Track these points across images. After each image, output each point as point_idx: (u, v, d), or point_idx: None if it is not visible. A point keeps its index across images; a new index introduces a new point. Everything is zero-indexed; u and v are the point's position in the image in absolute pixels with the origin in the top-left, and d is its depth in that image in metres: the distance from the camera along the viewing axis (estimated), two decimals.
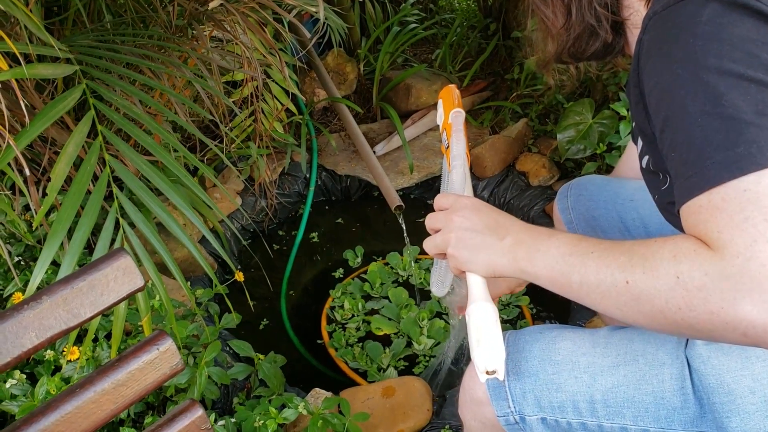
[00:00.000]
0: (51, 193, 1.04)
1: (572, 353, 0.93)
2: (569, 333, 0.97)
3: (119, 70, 1.38)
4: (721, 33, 0.67)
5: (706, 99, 0.66)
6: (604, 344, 0.93)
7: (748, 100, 0.64)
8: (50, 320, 0.74)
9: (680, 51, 0.69)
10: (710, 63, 0.67)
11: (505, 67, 2.97)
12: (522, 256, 0.81)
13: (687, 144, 0.67)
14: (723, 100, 0.65)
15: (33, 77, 1.10)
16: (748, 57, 0.66)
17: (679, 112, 0.68)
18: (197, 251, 1.29)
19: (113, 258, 0.79)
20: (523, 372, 0.95)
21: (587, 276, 0.73)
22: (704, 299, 0.63)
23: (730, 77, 0.66)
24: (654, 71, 0.73)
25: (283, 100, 2.53)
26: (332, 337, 2.03)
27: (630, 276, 0.69)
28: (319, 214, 2.67)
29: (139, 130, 1.22)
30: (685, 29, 0.69)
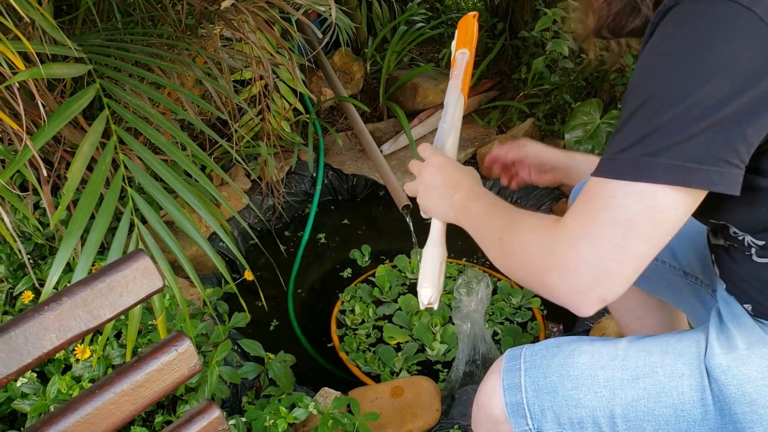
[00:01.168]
0: (68, 192, 1.04)
1: (591, 367, 0.92)
2: (587, 346, 0.95)
3: (130, 68, 1.38)
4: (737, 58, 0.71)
5: (690, 104, 0.72)
6: (623, 357, 0.92)
7: (720, 137, 0.72)
8: (70, 321, 0.74)
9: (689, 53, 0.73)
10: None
11: (512, 67, 2.97)
12: (460, 212, 1.00)
13: (638, 122, 0.76)
14: (703, 117, 0.72)
15: (49, 77, 1.10)
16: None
17: (658, 91, 0.75)
18: (210, 249, 1.29)
19: (132, 259, 0.79)
20: (542, 388, 0.93)
21: (484, 233, 0.94)
22: (533, 263, 0.82)
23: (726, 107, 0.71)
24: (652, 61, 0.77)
25: (291, 100, 2.53)
26: (343, 341, 2.02)
27: (501, 236, 0.89)
28: (326, 213, 2.67)
29: (152, 129, 1.22)
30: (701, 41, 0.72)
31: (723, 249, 0.94)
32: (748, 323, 0.91)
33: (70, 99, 1.13)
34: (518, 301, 2.11)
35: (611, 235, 0.75)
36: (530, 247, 0.83)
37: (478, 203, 0.98)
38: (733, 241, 0.90)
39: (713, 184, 0.73)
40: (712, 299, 1.17)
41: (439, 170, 1.05)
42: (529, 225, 0.86)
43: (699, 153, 0.72)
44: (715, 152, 0.72)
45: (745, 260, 0.90)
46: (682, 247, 1.22)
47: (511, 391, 0.95)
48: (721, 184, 0.73)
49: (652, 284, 1.28)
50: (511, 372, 0.96)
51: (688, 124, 0.72)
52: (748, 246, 0.88)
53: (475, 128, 2.80)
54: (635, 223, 0.75)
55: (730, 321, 0.93)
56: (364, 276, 2.28)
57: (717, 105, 0.71)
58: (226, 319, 1.72)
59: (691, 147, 0.72)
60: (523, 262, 0.84)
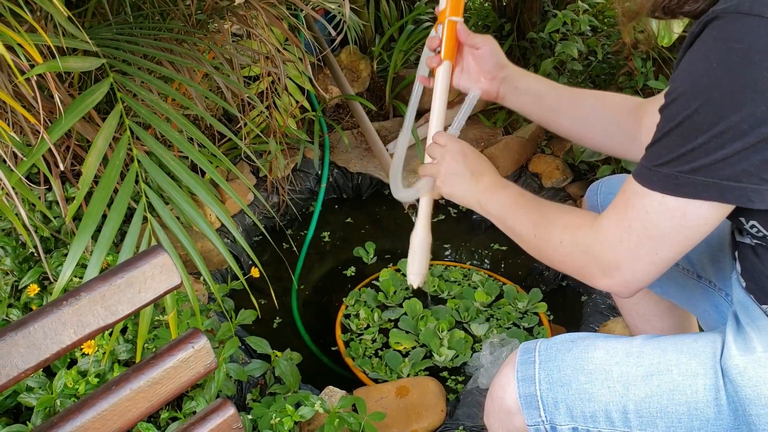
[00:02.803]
0: (83, 186, 1.03)
1: (605, 362, 0.93)
2: (602, 342, 0.96)
3: (141, 62, 1.37)
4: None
5: (725, 127, 0.74)
6: (638, 354, 0.93)
7: (757, 156, 0.75)
8: (88, 317, 0.74)
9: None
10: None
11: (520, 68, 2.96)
12: (485, 199, 1.05)
13: (683, 134, 0.78)
14: (738, 138, 0.74)
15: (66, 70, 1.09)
16: None
17: (704, 105, 0.76)
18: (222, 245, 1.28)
19: (151, 255, 0.79)
20: (556, 381, 0.94)
21: (515, 224, 1.00)
22: (572, 261, 0.92)
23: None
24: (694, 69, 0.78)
25: (298, 97, 2.52)
26: (349, 346, 2.00)
27: (536, 231, 0.97)
28: (330, 211, 2.66)
29: (166, 124, 1.21)
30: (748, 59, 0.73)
31: (749, 247, 0.94)
32: (765, 326, 0.91)
33: (85, 93, 1.12)
34: (524, 306, 2.11)
35: (645, 244, 0.84)
36: (569, 247, 0.92)
37: (506, 192, 1.04)
38: (762, 239, 0.89)
39: (751, 201, 0.77)
40: (725, 303, 1.17)
41: (463, 156, 1.12)
42: (564, 223, 0.93)
43: (735, 171, 0.75)
44: (750, 170, 0.75)
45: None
46: (697, 249, 1.21)
47: (525, 383, 0.95)
48: (758, 201, 0.77)
49: (665, 287, 1.28)
50: (525, 364, 0.96)
51: (723, 146, 0.75)
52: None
53: (482, 128, 2.80)
54: (667, 236, 0.83)
55: (748, 324, 0.93)
56: (368, 280, 2.26)
57: (753, 128, 0.73)
58: (232, 315, 1.72)
59: (726, 166, 0.75)
60: (563, 259, 0.93)
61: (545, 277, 2.27)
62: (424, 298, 2.13)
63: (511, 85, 1.24)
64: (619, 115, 1.19)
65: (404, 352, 1.96)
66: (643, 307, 1.38)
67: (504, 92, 1.25)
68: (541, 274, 2.29)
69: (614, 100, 1.21)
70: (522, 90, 1.23)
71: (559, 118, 1.24)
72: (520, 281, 2.24)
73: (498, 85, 1.25)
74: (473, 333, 1.99)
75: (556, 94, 1.22)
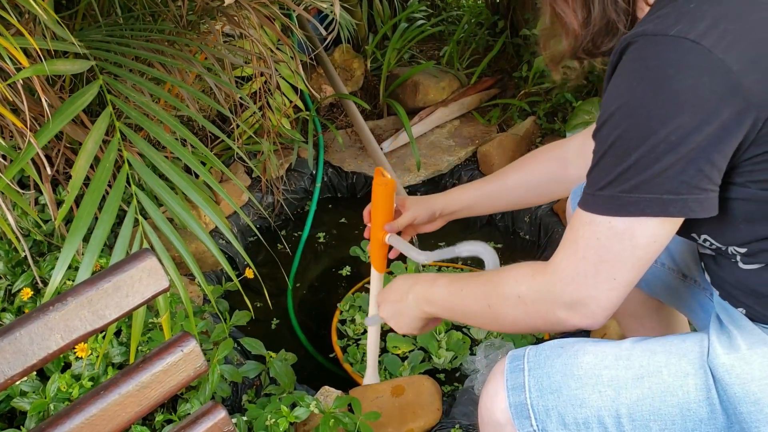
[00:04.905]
0: (72, 190, 1.02)
1: (595, 367, 0.92)
2: (591, 346, 0.95)
3: (132, 64, 1.37)
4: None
5: (655, 142, 0.77)
6: (627, 356, 0.92)
7: (691, 167, 0.77)
8: (75, 322, 0.74)
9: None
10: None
11: (513, 65, 2.96)
12: (425, 305, 1.09)
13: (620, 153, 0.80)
14: (670, 151, 0.77)
15: (53, 73, 1.09)
16: None
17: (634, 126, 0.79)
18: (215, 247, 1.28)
19: (138, 259, 0.78)
20: (546, 388, 0.93)
21: (465, 308, 1.01)
22: (536, 311, 0.91)
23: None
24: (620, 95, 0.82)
25: (291, 97, 2.52)
26: (346, 352, 1.98)
27: (489, 301, 0.96)
28: (325, 211, 2.66)
29: (156, 127, 1.21)
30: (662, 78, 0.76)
31: (710, 257, 0.96)
32: (747, 325, 0.91)
33: (73, 95, 1.12)
34: None
35: (602, 270, 0.84)
36: (529, 297, 0.91)
37: (438, 287, 1.07)
38: (717, 250, 0.91)
39: (692, 211, 0.79)
40: (709, 302, 1.18)
41: (386, 301, 1.18)
42: (514, 279, 0.93)
43: (673, 184, 0.77)
44: (687, 181, 0.77)
45: (732, 267, 0.92)
46: (680, 249, 1.22)
47: (514, 392, 0.94)
48: (699, 210, 0.79)
49: (652, 286, 1.28)
50: (514, 372, 0.96)
51: (657, 160, 0.77)
52: (733, 254, 0.90)
53: (476, 126, 2.80)
54: (621, 259, 0.83)
55: (730, 323, 0.93)
56: (361, 284, 2.25)
57: (682, 139, 0.75)
58: (226, 317, 1.71)
59: (664, 180, 0.77)
60: (526, 312, 0.92)
61: None
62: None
63: (450, 214, 1.41)
64: (545, 174, 1.33)
65: (402, 356, 1.95)
66: (633, 307, 1.38)
67: (446, 220, 1.44)
68: None
69: (535, 165, 1.34)
70: (459, 211, 1.40)
71: (498, 207, 1.42)
72: None
73: (441, 222, 1.44)
74: (473, 336, 1.99)
75: (485, 194, 1.38)
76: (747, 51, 0.75)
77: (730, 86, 0.74)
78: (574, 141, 1.32)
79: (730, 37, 0.75)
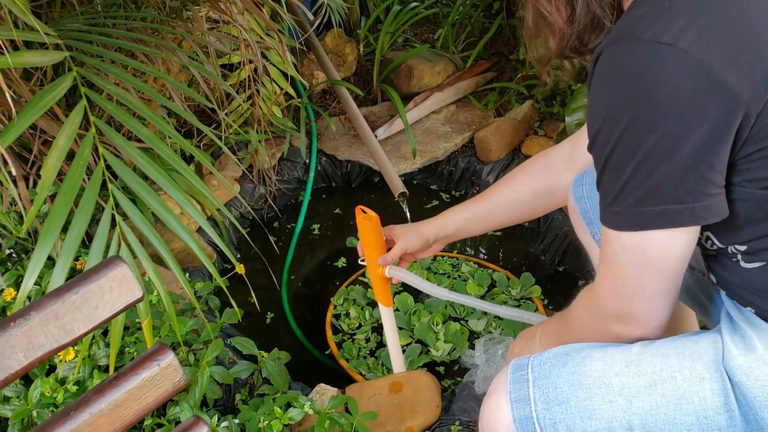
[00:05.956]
0: (41, 191, 0.96)
1: (604, 375, 0.86)
2: (598, 352, 0.89)
3: (111, 55, 1.30)
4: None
5: (647, 152, 0.75)
6: (638, 362, 0.86)
7: (691, 173, 0.75)
8: (40, 338, 0.68)
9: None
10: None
11: (510, 47, 2.89)
12: (545, 343, 1.12)
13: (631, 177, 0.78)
14: (664, 159, 0.75)
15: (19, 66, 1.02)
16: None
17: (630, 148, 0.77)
18: (196, 245, 1.22)
19: (108, 267, 0.72)
20: (552, 400, 0.87)
21: (567, 342, 0.99)
22: (597, 328, 0.94)
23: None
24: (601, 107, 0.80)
25: (282, 84, 2.45)
26: (342, 348, 1.93)
27: (573, 331, 1.01)
28: (319, 201, 2.60)
29: (134, 120, 1.14)
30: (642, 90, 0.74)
31: (712, 257, 0.92)
32: (760, 324, 0.86)
33: (44, 89, 1.05)
34: (518, 292, 2.05)
35: (629, 285, 0.85)
36: (586, 318, 0.97)
37: (551, 329, 1.13)
38: (719, 249, 0.88)
39: (702, 218, 0.77)
40: (718, 296, 1.12)
41: (518, 340, 1.24)
42: (577, 305, 1.01)
43: (677, 193, 0.75)
44: (691, 188, 0.75)
45: (734, 266, 0.88)
46: None
47: (519, 405, 0.88)
48: (708, 216, 0.77)
49: None
50: (518, 383, 0.90)
51: (652, 171, 0.75)
52: (733, 253, 0.87)
53: (473, 111, 2.73)
54: (641, 273, 0.83)
55: (742, 321, 0.88)
56: (354, 276, 2.19)
57: (673, 146, 0.73)
58: (217, 315, 1.66)
59: (666, 190, 0.76)
60: (591, 333, 0.95)
61: (541, 262, 2.22)
62: (415, 291, 2.07)
63: (444, 238, 1.41)
64: (535, 188, 1.32)
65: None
66: None
67: (443, 244, 1.44)
68: (537, 259, 2.23)
69: (523, 180, 1.34)
70: (453, 234, 1.40)
71: (491, 226, 1.41)
72: (516, 268, 2.18)
73: (438, 246, 1.43)
74: (472, 329, 1.93)
75: (476, 215, 1.37)
76: (728, 46, 0.71)
77: (713, 85, 0.71)
78: (563, 149, 1.31)
79: (708, 34, 0.71)
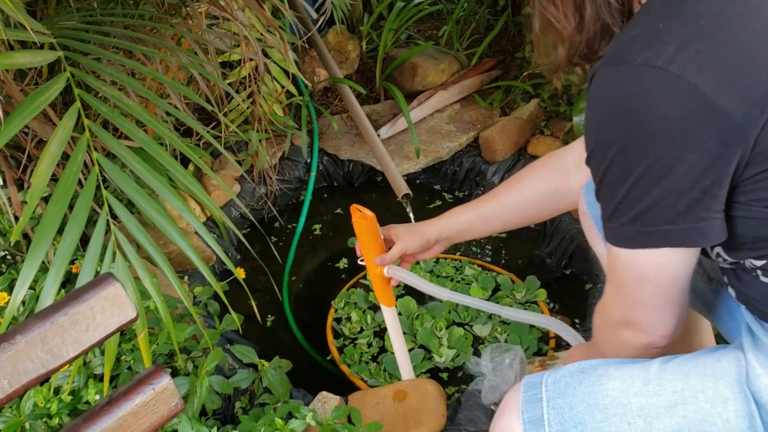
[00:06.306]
0: (32, 200, 0.92)
1: (622, 394, 0.82)
2: (616, 370, 0.85)
3: (108, 54, 1.25)
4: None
5: (638, 176, 0.75)
6: (657, 381, 0.82)
7: (684, 198, 0.74)
8: (26, 364, 0.63)
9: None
10: None
11: (515, 45, 2.84)
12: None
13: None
14: (655, 183, 0.75)
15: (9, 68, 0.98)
16: None
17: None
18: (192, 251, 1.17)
19: (99, 286, 0.68)
20: (568, 421, 0.83)
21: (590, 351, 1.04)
22: (612, 337, 0.93)
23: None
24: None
25: (283, 82, 2.40)
26: (343, 353, 1.88)
27: (598, 344, 1.01)
28: (321, 200, 2.55)
29: (130, 124, 1.09)
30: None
31: (731, 271, 0.89)
32: None
33: (35, 92, 1.00)
34: (523, 296, 2.00)
35: (629, 295, 0.86)
36: (597, 325, 1.00)
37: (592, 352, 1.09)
38: (735, 264, 0.85)
39: (693, 240, 0.76)
40: (737, 308, 1.08)
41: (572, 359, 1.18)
42: (597, 321, 1.00)
43: (669, 215, 0.75)
44: (684, 211, 0.74)
45: (753, 281, 0.85)
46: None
47: (532, 425, 0.84)
48: (700, 239, 0.76)
49: None
50: (531, 403, 0.86)
51: (644, 193, 0.75)
52: (752, 268, 0.83)
53: (477, 110, 2.68)
54: (639, 287, 0.83)
55: (765, 336, 0.83)
56: (355, 279, 2.14)
57: (665, 171, 0.72)
58: (216, 322, 1.61)
59: (658, 211, 0.75)
60: (606, 340, 0.97)
61: (547, 265, 2.17)
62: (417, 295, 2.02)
63: (446, 239, 1.37)
64: (543, 190, 1.29)
65: None
66: None
67: (445, 246, 1.39)
68: (543, 261, 2.19)
69: (531, 182, 1.30)
70: (455, 235, 1.36)
71: (496, 228, 1.38)
72: (521, 270, 2.13)
73: (439, 248, 1.39)
74: (477, 334, 1.89)
75: (480, 216, 1.33)
76: (722, 69, 0.69)
77: (705, 110, 0.68)
78: (573, 150, 1.27)
79: (701, 57, 0.69)
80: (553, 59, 0.92)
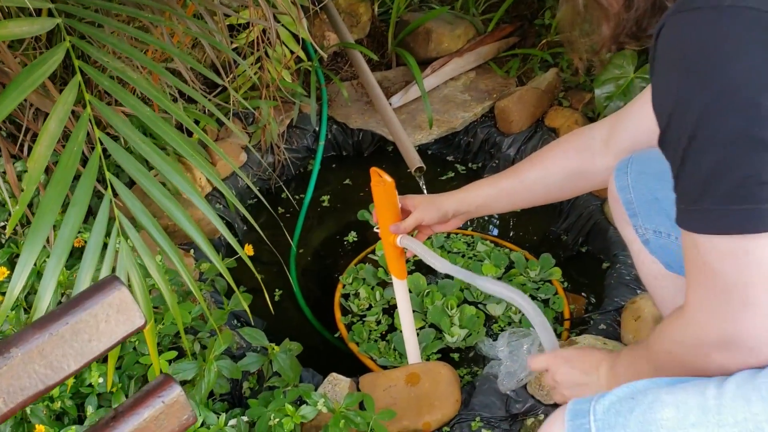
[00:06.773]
0: (29, 185, 0.85)
1: (679, 425, 0.73)
2: (668, 396, 0.76)
3: (109, 22, 1.17)
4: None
5: (727, 137, 0.66)
6: (716, 409, 0.73)
7: None
8: (23, 380, 0.57)
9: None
10: None
11: (534, 11, 2.73)
12: (614, 384, 0.88)
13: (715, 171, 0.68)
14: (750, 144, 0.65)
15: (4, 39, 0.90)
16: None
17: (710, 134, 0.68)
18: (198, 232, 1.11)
19: (103, 291, 0.62)
20: None
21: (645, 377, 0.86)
22: (690, 362, 0.81)
23: None
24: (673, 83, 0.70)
25: (293, 47, 2.30)
26: (351, 330, 1.82)
27: (656, 371, 0.87)
28: (329, 170, 2.47)
29: (133, 98, 1.02)
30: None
31: None
32: None
33: (32, 64, 0.93)
34: (537, 274, 1.94)
35: (730, 299, 0.73)
36: (676, 350, 0.84)
37: (622, 366, 0.99)
38: None
39: None
40: None
41: (569, 365, 1.08)
42: (659, 335, 0.88)
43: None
44: None
45: None
46: None
47: None
48: None
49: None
50: None
51: (739, 158, 0.66)
52: None
53: (494, 78, 2.59)
54: (744, 282, 0.71)
55: None
56: (363, 254, 2.08)
57: (764, 124, 0.64)
58: (225, 301, 1.56)
59: (758, 182, 0.66)
60: (684, 367, 0.82)
61: (563, 242, 2.11)
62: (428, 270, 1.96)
63: (464, 213, 1.34)
64: (567, 169, 1.23)
65: None
66: (671, 292, 1.24)
67: (462, 220, 1.37)
68: (558, 239, 2.13)
69: (555, 160, 1.25)
70: (474, 210, 1.33)
71: (515, 205, 1.35)
72: (535, 247, 2.07)
73: (456, 222, 1.37)
74: (490, 313, 1.84)
75: (500, 192, 1.30)
76: None
77: None
78: (600, 128, 1.21)
79: None
80: (597, 39, 0.85)
